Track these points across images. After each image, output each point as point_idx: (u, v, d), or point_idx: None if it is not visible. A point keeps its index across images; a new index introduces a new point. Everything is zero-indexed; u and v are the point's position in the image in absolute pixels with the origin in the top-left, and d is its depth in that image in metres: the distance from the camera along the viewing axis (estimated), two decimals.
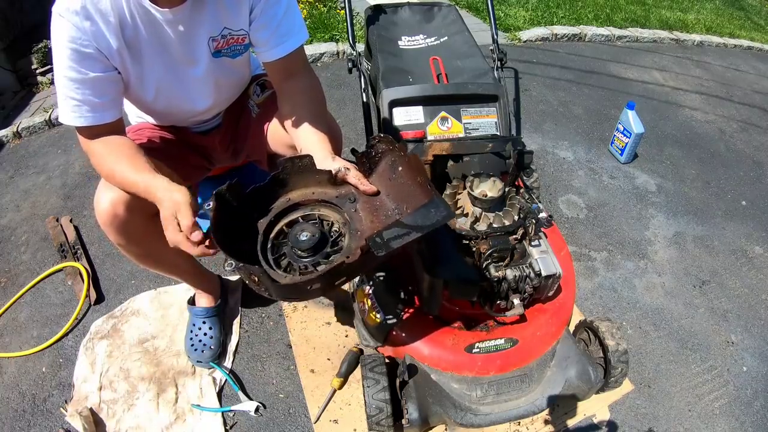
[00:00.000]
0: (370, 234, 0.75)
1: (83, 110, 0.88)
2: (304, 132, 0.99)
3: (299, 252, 0.79)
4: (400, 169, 0.87)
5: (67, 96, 0.87)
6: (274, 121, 1.19)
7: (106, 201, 0.96)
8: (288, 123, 1.05)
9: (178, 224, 0.78)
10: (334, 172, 0.86)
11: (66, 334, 1.41)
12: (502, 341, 1.13)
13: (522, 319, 1.17)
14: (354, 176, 0.87)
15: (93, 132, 0.91)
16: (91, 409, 1.22)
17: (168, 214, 0.79)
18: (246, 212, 0.83)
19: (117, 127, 0.94)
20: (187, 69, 1.02)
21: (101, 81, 0.88)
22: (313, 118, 1.01)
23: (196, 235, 0.77)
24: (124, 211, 0.97)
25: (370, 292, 1.19)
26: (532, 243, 1.10)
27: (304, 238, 0.78)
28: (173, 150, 1.18)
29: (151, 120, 1.19)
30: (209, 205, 0.76)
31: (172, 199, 0.79)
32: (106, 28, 0.85)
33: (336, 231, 0.84)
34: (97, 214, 1.00)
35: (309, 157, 0.86)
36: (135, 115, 1.21)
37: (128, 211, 0.98)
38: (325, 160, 0.90)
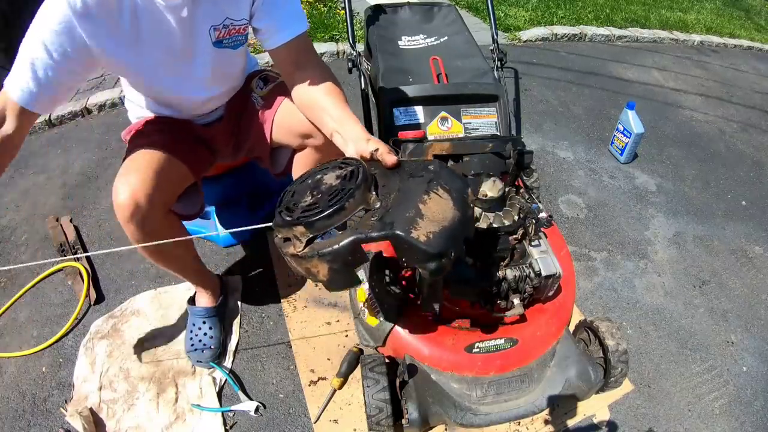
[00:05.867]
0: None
1: (30, 83, 0.84)
2: (336, 117, 0.99)
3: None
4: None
5: (26, 62, 0.83)
6: (282, 110, 1.19)
7: (126, 192, 0.94)
8: (311, 110, 1.05)
9: None
10: (369, 154, 0.88)
11: (66, 334, 1.41)
12: (502, 341, 1.13)
13: (522, 319, 1.17)
14: (383, 152, 0.88)
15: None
16: (91, 409, 1.22)
17: None
18: None
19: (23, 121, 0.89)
20: (187, 58, 1.02)
21: (72, 63, 0.86)
22: (341, 102, 1.01)
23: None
24: (145, 202, 0.96)
25: (370, 292, 1.19)
26: (532, 243, 1.10)
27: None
28: (183, 136, 1.17)
29: (152, 114, 1.19)
30: None
31: None
32: (102, 11, 0.85)
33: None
34: (116, 208, 0.96)
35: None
36: (138, 107, 1.20)
37: (149, 203, 0.96)
38: (359, 141, 0.91)
